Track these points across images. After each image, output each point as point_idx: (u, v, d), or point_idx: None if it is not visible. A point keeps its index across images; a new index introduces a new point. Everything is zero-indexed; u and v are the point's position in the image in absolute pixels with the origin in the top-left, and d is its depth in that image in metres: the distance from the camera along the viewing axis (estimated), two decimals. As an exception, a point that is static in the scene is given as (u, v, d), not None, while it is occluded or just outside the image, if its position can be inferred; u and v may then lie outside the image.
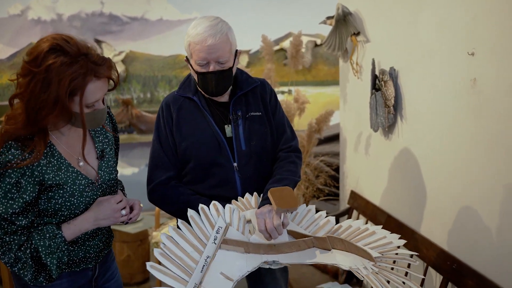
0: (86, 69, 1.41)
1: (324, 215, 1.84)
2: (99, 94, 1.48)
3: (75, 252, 1.63)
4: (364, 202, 2.94)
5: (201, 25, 1.81)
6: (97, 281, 1.76)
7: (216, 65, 1.82)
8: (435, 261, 2.09)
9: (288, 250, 1.65)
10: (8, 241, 1.48)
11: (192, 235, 1.65)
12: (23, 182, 1.46)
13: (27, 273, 1.49)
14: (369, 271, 1.49)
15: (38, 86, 1.39)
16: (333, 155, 4.62)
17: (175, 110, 1.95)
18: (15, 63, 4.86)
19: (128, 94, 5.14)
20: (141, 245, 3.77)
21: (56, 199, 1.53)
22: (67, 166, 1.55)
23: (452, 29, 1.99)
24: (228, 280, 1.52)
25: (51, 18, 4.93)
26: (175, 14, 5.09)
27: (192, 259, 1.57)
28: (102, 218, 1.58)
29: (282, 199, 1.65)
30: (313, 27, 4.69)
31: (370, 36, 2.82)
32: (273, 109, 2.03)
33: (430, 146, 2.20)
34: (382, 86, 2.51)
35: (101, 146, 1.69)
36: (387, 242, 1.64)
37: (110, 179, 1.68)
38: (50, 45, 1.41)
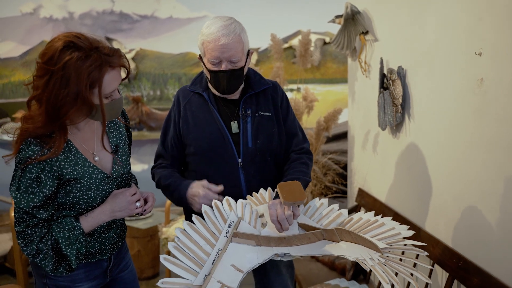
0: (100, 61, 1.47)
1: (336, 208, 1.88)
2: (115, 84, 1.55)
3: (92, 243, 1.70)
4: (371, 200, 2.96)
5: (214, 24, 1.86)
6: (111, 272, 1.83)
7: (228, 64, 1.87)
8: (441, 258, 2.11)
9: (299, 242, 1.69)
10: (30, 233, 1.54)
11: (205, 229, 1.72)
12: (43, 177, 1.52)
13: (48, 263, 1.56)
14: (375, 262, 1.52)
15: (58, 83, 1.44)
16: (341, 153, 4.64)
17: (184, 104, 2.02)
18: (27, 61, 4.93)
19: (138, 92, 5.19)
20: (151, 240, 3.83)
21: (74, 192, 1.59)
22: (83, 161, 1.61)
23: (458, 29, 2.01)
24: (238, 272, 1.57)
25: (63, 16, 4.99)
26: (185, 12, 5.13)
27: (204, 252, 1.64)
28: (118, 210, 1.65)
29: (290, 193, 1.70)
30: (322, 25, 4.70)
31: (378, 35, 2.84)
32: (285, 112, 2.07)
33: (437, 144, 2.22)
34: (390, 85, 2.53)
35: (115, 141, 1.75)
36: (395, 233, 1.66)
37: (124, 172, 1.74)
38: (64, 43, 1.46)
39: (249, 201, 1.88)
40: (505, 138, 1.76)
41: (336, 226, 1.76)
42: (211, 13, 5.04)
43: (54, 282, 1.67)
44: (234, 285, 1.54)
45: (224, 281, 1.54)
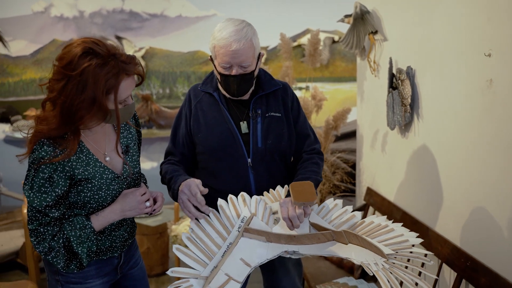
0: (118, 68, 1.50)
1: (350, 210, 1.90)
2: (130, 90, 1.58)
3: (103, 241, 1.73)
4: (380, 199, 2.97)
5: (226, 29, 1.86)
6: (122, 268, 1.86)
7: (238, 68, 1.88)
8: (449, 258, 2.12)
9: (308, 241, 1.72)
10: (42, 231, 1.57)
11: (219, 222, 1.78)
12: (55, 177, 1.55)
13: (60, 261, 1.59)
14: (379, 267, 1.53)
15: (74, 89, 1.47)
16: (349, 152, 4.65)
17: (195, 103, 2.05)
18: (38, 59, 4.98)
19: (147, 90, 5.23)
20: (160, 238, 3.86)
21: (85, 192, 1.62)
22: (94, 162, 1.64)
23: (468, 30, 2.01)
24: (246, 266, 1.61)
25: (73, 15, 5.03)
26: (194, 11, 5.16)
27: (216, 244, 1.70)
28: (128, 209, 1.67)
29: (301, 193, 1.73)
30: (331, 23, 4.71)
31: (387, 35, 2.85)
32: (296, 114, 2.09)
33: (445, 144, 2.23)
34: (399, 85, 2.54)
35: (125, 141, 1.77)
36: (403, 240, 1.68)
37: (134, 172, 1.77)
38: (82, 49, 1.49)
39: (264, 197, 1.92)
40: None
41: (348, 228, 1.78)
42: (219, 12, 5.06)
43: (66, 279, 1.71)
44: (240, 279, 1.58)
45: (231, 274, 1.59)
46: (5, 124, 5.05)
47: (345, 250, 1.68)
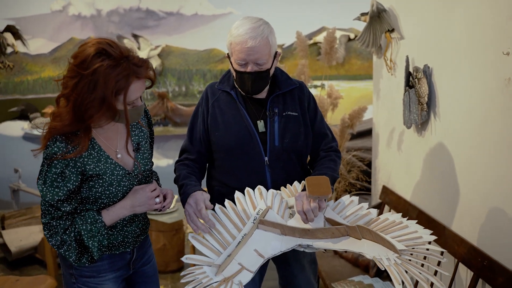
0: (129, 71, 1.53)
1: (366, 206, 1.90)
2: (139, 93, 1.61)
3: (115, 236, 1.77)
4: (395, 197, 2.97)
5: (243, 26, 1.88)
6: (134, 264, 1.90)
7: (254, 66, 1.89)
8: (465, 257, 2.11)
9: (322, 236, 1.73)
10: (54, 225, 1.62)
11: (235, 213, 1.82)
12: (67, 172, 1.59)
13: (71, 254, 1.64)
14: (391, 262, 1.54)
15: (86, 87, 1.51)
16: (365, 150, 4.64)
17: (212, 101, 2.06)
18: (56, 58, 5.05)
19: (163, 88, 5.26)
20: (176, 234, 3.90)
21: (96, 188, 1.66)
22: (106, 158, 1.67)
23: (486, 28, 2.00)
24: (260, 257, 1.64)
25: (91, 13, 5.09)
26: (210, 9, 5.18)
27: (231, 235, 1.74)
28: (138, 205, 1.70)
29: (316, 187, 1.75)
30: (346, 21, 4.69)
31: (404, 33, 2.84)
32: (313, 113, 2.10)
33: (462, 143, 2.22)
34: (416, 84, 2.53)
35: (137, 139, 1.81)
36: (417, 237, 1.68)
37: (145, 169, 1.80)
38: (96, 49, 1.52)
39: (281, 191, 1.94)
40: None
41: (363, 224, 1.79)
42: (236, 10, 5.07)
43: (79, 273, 1.76)
44: (253, 269, 1.61)
45: (244, 263, 1.62)
46: (24, 121, 5.14)
47: (358, 245, 1.69)
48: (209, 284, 1.55)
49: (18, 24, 5.02)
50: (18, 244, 4.03)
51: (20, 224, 4.40)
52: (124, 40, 5.14)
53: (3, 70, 5.06)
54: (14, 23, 5.01)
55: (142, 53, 5.11)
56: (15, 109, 5.13)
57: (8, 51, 5.02)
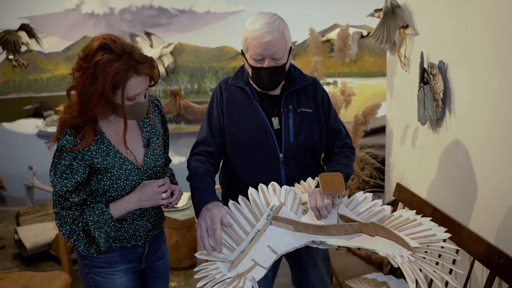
0: (128, 66, 1.58)
1: (379, 203, 1.89)
2: (139, 89, 1.64)
3: (125, 229, 1.81)
4: (409, 195, 2.95)
5: (259, 21, 1.87)
6: (147, 258, 1.93)
7: (270, 61, 1.88)
8: (482, 255, 2.09)
9: (336, 232, 1.73)
10: (64, 215, 1.70)
11: (248, 209, 1.82)
12: (75, 165, 1.66)
13: (80, 244, 1.71)
14: (404, 260, 1.53)
15: (88, 80, 1.57)
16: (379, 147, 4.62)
17: (226, 96, 2.04)
18: (69, 56, 5.08)
19: (176, 85, 5.28)
20: (188, 231, 3.91)
21: (105, 181, 1.72)
22: (115, 153, 1.72)
23: (504, 23, 1.97)
24: (273, 253, 1.64)
25: (104, 11, 5.11)
26: (222, 6, 5.17)
27: (244, 231, 1.74)
28: (144, 199, 1.74)
29: (329, 183, 1.74)
30: (359, 18, 4.66)
31: (418, 29, 2.81)
32: (327, 110, 2.08)
33: (479, 140, 2.19)
34: (431, 80, 2.50)
35: (147, 135, 1.84)
36: (431, 234, 1.66)
37: (155, 165, 1.83)
38: (99, 44, 1.59)
39: (294, 188, 1.93)
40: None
41: (377, 221, 1.78)
42: (248, 7, 5.06)
43: (92, 263, 1.82)
44: (266, 265, 1.61)
45: (257, 259, 1.62)
46: (38, 119, 5.18)
47: (371, 242, 1.68)
48: (222, 280, 1.55)
49: (32, 22, 5.06)
50: (33, 240, 4.07)
51: (34, 220, 4.45)
52: (137, 38, 5.16)
53: (18, 69, 5.11)
54: (29, 21, 5.06)
55: (154, 51, 5.12)
56: (29, 107, 5.18)
57: (22, 50, 5.07)
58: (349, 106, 4.11)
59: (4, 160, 5.03)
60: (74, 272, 3.79)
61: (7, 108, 5.16)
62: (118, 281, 1.84)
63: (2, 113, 5.16)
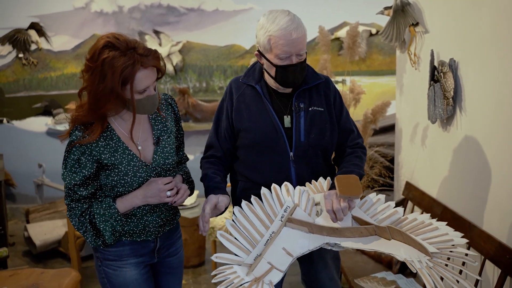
0: (133, 60, 1.62)
1: (392, 205, 1.88)
2: (148, 81, 1.69)
3: (134, 224, 1.85)
4: (419, 193, 2.93)
5: (281, 19, 1.84)
6: (159, 253, 1.96)
7: (296, 57, 1.88)
8: (493, 254, 2.08)
9: (350, 235, 1.71)
10: (73, 207, 1.78)
11: (262, 211, 1.82)
12: (83, 159, 1.72)
13: (88, 236, 1.78)
14: (423, 265, 1.51)
15: (97, 78, 1.63)
16: (388, 146, 4.60)
17: (237, 96, 2.04)
18: (79, 54, 5.10)
19: (184, 84, 5.28)
20: (197, 229, 3.90)
21: (113, 176, 1.77)
22: (124, 149, 1.77)
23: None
24: (288, 255, 1.63)
25: (113, 10, 5.13)
26: (231, 4, 5.17)
27: (258, 232, 1.74)
28: (149, 196, 1.77)
29: (347, 186, 1.73)
30: (368, 16, 4.64)
31: (429, 27, 2.79)
32: (339, 109, 2.07)
33: (490, 138, 2.18)
34: (441, 78, 2.49)
35: (158, 133, 1.87)
36: (448, 239, 1.65)
37: (165, 163, 1.86)
38: (104, 43, 1.64)
39: (307, 188, 1.92)
40: None
41: (390, 223, 1.77)
42: (256, 6, 5.05)
43: (103, 256, 1.88)
44: (283, 268, 1.60)
45: (274, 262, 1.61)
46: (47, 117, 5.21)
47: (387, 245, 1.66)
48: (241, 284, 1.54)
49: (42, 21, 5.09)
50: (43, 237, 4.10)
51: (44, 218, 4.48)
52: (146, 36, 5.17)
53: (28, 67, 5.14)
54: (38, 20, 5.08)
55: (163, 49, 5.13)
56: (38, 105, 5.21)
57: (32, 48, 5.10)
58: (358, 105, 4.09)
59: (14, 158, 5.06)
60: (83, 270, 3.81)
61: (17, 106, 5.20)
62: (128, 274, 1.87)
63: (12, 111, 5.19)
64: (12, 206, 5.11)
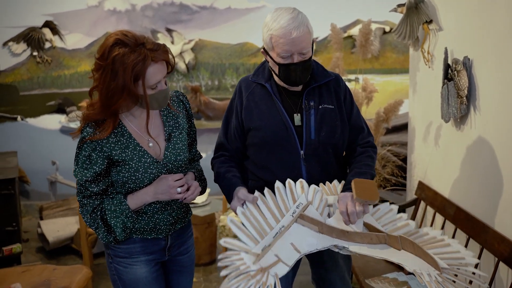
0: (144, 55, 1.63)
1: (404, 217, 1.86)
2: (159, 76, 1.70)
3: (145, 221, 1.85)
4: (432, 193, 2.89)
5: (282, 17, 1.85)
6: (170, 251, 1.96)
7: (298, 56, 1.87)
8: (507, 256, 2.04)
9: (360, 240, 1.69)
10: (85, 203, 1.79)
11: (274, 204, 1.81)
12: (94, 156, 1.73)
13: (99, 232, 1.79)
14: (432, 279, 1.49)
15: (108, 77, 1.64)
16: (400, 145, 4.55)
17: (246, 94, 2.04)
18: (92, 52, 5.13)
19: (197, 82, 5.29)
20: (208, 227, 3.92)
21: (123, 173, 1.77)
22: (135, 146, 1.78)
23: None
24: (296, 251, 1.62)
25: (126, 8, 5.15)
26: (243, 2, 5.16)
27: (268, 225, 1.73)
28: (160, 193, 1.77)
29: (364, 190, 1.71)
30: (381, 13, 4.60)
31: (443, 24, 2.76)
32: (349, 106, 2.05)
33: (504, 138, 2.14)
34: (455, 76, 2.45)
35: (170, 130, 1.87)
36: (460, 257, 1.63)
37: (177, 160, 1.86)
38: (113, 41, 1.65)
39: (321, 188, 1.90)
40: None
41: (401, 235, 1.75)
42: (269, 3, 5.04)
43: (114, 252, 1.88)
44: (289, 263, 1.60)
45: (281, 256, 1.61)
46: (61, 115, 5.25)
47: (396, 255, 1.65)
48: (246, 271, 1.55)
49: (56, 19, 5.12)
50: (56, 234, 4.13)
51: (57, 215, 4.52)
52: (158, 34, 5.18)
53: (42, 65, 5.18)
54: (52, 18, 5.12)
55: (175, 47, 5.14)
56: (52, 103, 5.25)
57: (46, 46, 5.14)
58: (370, 103, 4.06)
59: (28, 155, 5.11)
60: (95, 266, 3.84)
61: (31, 104, 5.24)
62: (139, 272, 1.88)
63: (26, 109, 5.24)
64: (26, 203, 5.16)
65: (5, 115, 5.19)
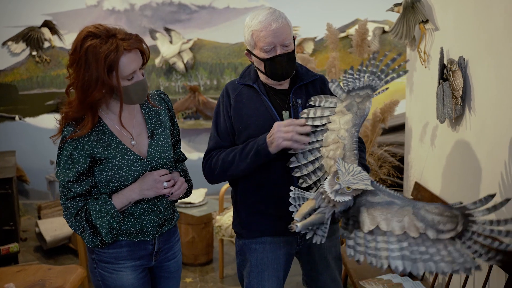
0: (116, 45, 1.62)
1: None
2: (134, 65, 1.68)
3: (132, 223, 1.82)
4: (428, 194, 2.88)
5: (260, 14, 1.91)
6: (157, 256, 1.92)
7: (281, 48, 1.90)
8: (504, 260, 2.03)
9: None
10: (69, 206, 1.74)
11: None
12: (76, 154, 1.70)
13: (85, 235, 1.75)
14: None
15: (82, 69, 1.62)
16: (397, 145, 4.53)
17: (234, 96, 2.03)
18: (91, 51, 5.14)
19: (195, 81, 5.29)
20: (205, 228, 3.91)
21: (107, 171, 1.75)
22: (117, 143, 1.76)
23: (526, 18, 1.90)
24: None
25: (124, 8, 5.15)
26: (242, 2, 5.15)
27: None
28: (146, 189, 1.75)
29: None
30: (381, 13, 4.56)
31: (439, 24, 2.74)
32: None
33: (500, 139, 2.12)
34: (450, 76, 2.44)
35: (152, 127, 1.86)
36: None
37: (161, 157, 1.84)
38: (85, 34, 1.65)
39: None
40: None
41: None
42: (267, 3, 5.03)
43: (99, 257, 1.83)
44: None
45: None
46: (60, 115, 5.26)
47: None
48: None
49: (54, 19, 5.13)
50: (53, 233, 4.14)
51: (55, 214, 4.53)
52: (157, 34, 5.18)
53: (41, 64, 5.19)
54: (51, 18, 5.13)
55: (174, 47, 5.13)
56: (51, 102, 5.26)
57: (45, 46, 5.15)
58: (368, 103, 4.04)
59: (27, 155, 5.12)
60: (92, 266, 3.84)
61: (30, 103, 5.26)
62: (125, 278, 1.83)
63: (25, 108, 5.25)
64: (25, 202, 5.17)
65: (4, 115, 5.21)
